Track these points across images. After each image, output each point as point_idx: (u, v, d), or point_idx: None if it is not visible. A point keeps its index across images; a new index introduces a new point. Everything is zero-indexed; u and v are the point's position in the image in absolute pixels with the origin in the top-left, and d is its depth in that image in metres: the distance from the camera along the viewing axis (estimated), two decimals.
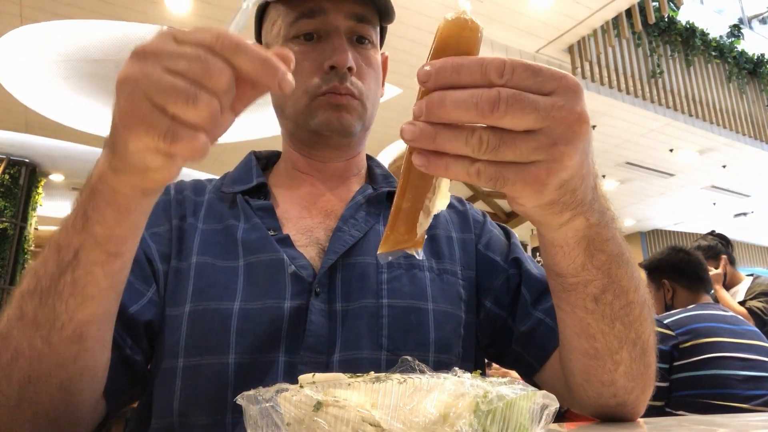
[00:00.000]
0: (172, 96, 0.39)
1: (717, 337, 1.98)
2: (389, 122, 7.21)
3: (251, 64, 0.41)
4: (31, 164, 7.70)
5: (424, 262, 0.80)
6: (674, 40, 6.95)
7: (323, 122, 0.80)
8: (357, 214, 0.82)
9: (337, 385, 0.36)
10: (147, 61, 0.41)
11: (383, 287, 0.75)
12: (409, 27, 5.01)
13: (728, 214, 10.21)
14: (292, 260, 0.74)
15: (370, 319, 0.72)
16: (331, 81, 0.79)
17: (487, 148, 0.40)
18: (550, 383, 0.75)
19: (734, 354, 1.94)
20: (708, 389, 1.93)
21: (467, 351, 0.79)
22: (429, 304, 0.75)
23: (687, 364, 1.97)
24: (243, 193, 0.83)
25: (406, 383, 0.36)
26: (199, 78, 0.39)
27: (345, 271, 0.75)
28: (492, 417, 0.34)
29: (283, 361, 0.68)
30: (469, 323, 0.80)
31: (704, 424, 0.66)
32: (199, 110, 0.39)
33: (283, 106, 0.86)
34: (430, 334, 0.73)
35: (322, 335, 0.70)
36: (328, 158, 0.87)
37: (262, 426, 0.36)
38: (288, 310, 0.70)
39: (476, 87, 0.40)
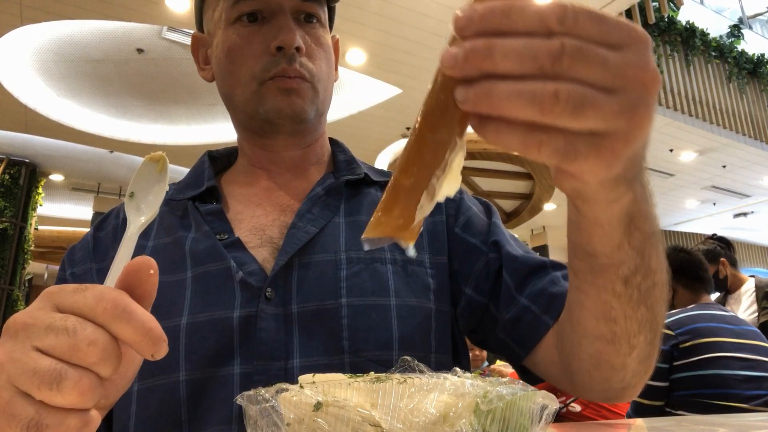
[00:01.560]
0: (35, 380, 0.36)
1: (717, 337, 1.98)
2: (389, 122, 7.27)
3: (132, 333, 0.38)
4: (31, 164, 7.70)
5: (386, 254, 0.74)
6: (674, 40, 6.95)
7: (273, 109, 0.76)
8: (314, 208, 0.77)
9: (337, 385, 0.36)
10: (17, 339, 0.38)
11: (342, 285, 0.70)
12: (409, 27, 5.01)
13: (728, 214, 10.21)
14: (241, 266, 0.70)
15: (330, 321, 0.68)
16: (278, 63, 0.74)
17: (565, 109, 0.31)
18: (541, 368, 0.72)
19: (735, 354, 1.94)
20: (708, 389, 1.93)
21: (442, 342, 0.74)
22: (391, 300, 0.71)
23: (687, 364, 1.97)
24: (193, 199, 0.79)
25: (406, 383, 0.36)
26: (66, 354, 0.36)
27: (301, 271, 0.71)
28: (492, 417, 0.34)
29: (238, 373, 0.65)
30: (441, 313, 0.75)
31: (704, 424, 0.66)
32: (64, 392, 0.36)
33: (231, 95, 0.80)
34: (393, 331, 0.69)
35: (276, 341, 0.67)
36: (283, 147, 0.82)
37: (262, 426, 0.36)
38: (237, 319, 0.67)
39: (530, 35, 0.32)
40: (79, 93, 6.35)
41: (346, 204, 0.80)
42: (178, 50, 5.50)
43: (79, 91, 6.29)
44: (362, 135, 6.64)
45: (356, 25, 4.91)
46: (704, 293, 2.31)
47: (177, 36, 5.23)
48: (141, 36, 5.27)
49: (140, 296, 0.41)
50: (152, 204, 0.49)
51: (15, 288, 7.33)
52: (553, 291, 0.72)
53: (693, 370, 1.96)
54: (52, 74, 5.93)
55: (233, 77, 0.78)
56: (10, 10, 4.59)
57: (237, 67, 0.76)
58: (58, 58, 5.63)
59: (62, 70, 5.87)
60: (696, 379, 1.95)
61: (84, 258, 0.78)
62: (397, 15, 4.85)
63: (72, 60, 5.67)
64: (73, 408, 0.37)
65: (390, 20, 4.90)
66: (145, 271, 0.42)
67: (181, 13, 4.68)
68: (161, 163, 0.50)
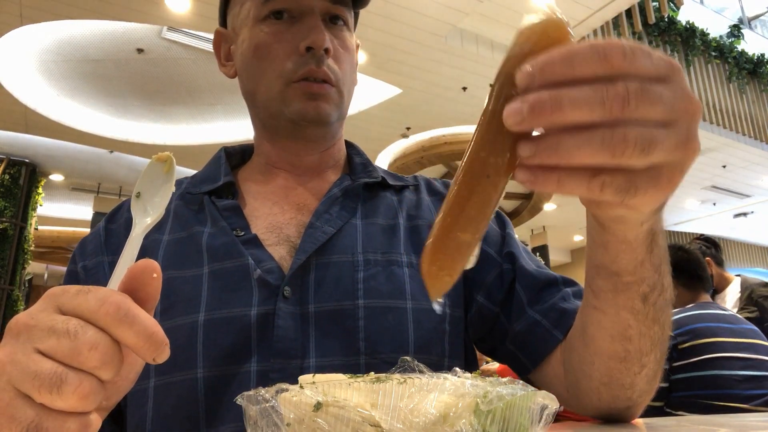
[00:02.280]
0: (36, 383, 0.35)
1: (717, 337, 1.98)
2: (389, 122, 7.26)
3: (134, 337, 0.38)
4: (31, 164, 7.70)
5: (402, 257, 0.75)
6: (674, 40, 6.95)
7: (298, 112, 0.76)
8: (331, 209, 0.77)
9: (338, 386, 0.36)
10: (18, 340, 0.38)
11: (359, 287, 0.70)
12: (409, 27, 5.01)
13: (728, 214, 10.21)
14: (258, 263, 0.70)
15: (346, 322, 0.68)
16: (306, 64, 0.74)
17: (635, 151, 0.32)
18: (545, 382, 0.72)
19: (734, 354, 1.94)
20: (708, 390, 1.93)
21: (454, 347, 0.75)
22: (407, 303, 0.71)
23: (687, 365, 1.97)
24: (210, 194, 0.79)
25: (406, 383, 0.36)
26: (67, 358, 0.36)
27: (318, 271, 0.71)
28: (492, 417, 0.34)
29: (255, 371, 0.65)
30: (455, 318, 0.75)
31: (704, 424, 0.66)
32: (64, 396, 0.35)
33: (254, 92, 0.80)
34: (409, 334, 0.70)
35: (293, 339, 0.66)
36: (303, 150, 0.82)
37: (262, 426, 0.36)
38: (255, 317, 0.67)
39: (593, 81, 0.32)
40: (80, 93, 6.35)
41: (363, 206, 0.80)
42: (178, 50, 5.50)
43: (79, 91, 6.29)
44: (362, 135, 6.64)
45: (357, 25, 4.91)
46: (703, 292, 2.31)
47: (177, 36, 5.23)
48: (141, 36, 5.27)
49: (143, 299, 0.41)
50: (158, 205, 0.48)
51: (15, 288, 7.33)
52: (564, 307, 0.72)
53: (692, 371, 1.96)
54: (52, 74, 5.93)
55: (259, 74, 0.77)
56: (10, 10, 4.59)
57: (264, 64, 0.76)
58: (58, 58, 5.64)
59: (62, 70, 5.87)
60: (696, 379, 1.95)
61: (95, 250, 0.78)
62: (397, 15, 4.85)
63: (72, 60, 5.67)
64: (74, 411, 0.36)
65: (390, 20, 4.90)
66: (148, 274, 0.41)
67: (181, 13, 4.68)
68: (168, 164, 0.49)
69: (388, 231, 0.77)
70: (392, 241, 0.76)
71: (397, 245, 0.76)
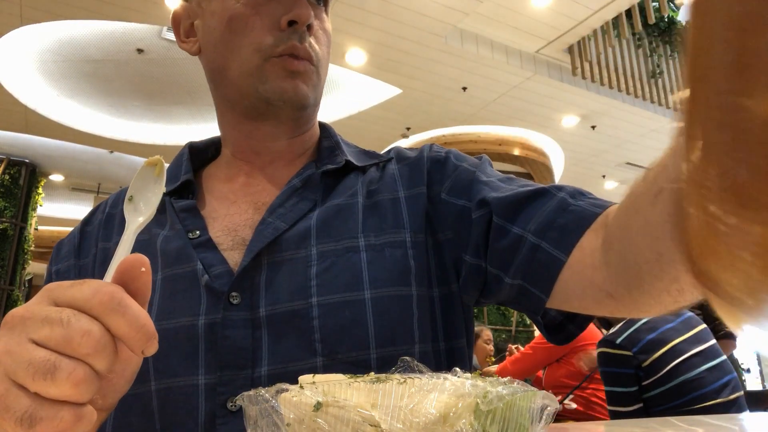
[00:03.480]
0: (30, 371, 0.36)
1: (671, 342, 1.95)
2: (389, 122, 7.27)
3: (126, 327, 0.38)
4: (31, 164, 7.71)
5: (359, 240, 0.68)
6: (674, 40, 6.95)
7: (276, 90, 0.70)
8: (287, 202, 0.71)
9: (338, 386, 0.36)
10: (14, 332, 0.38)
11: (312, 283, 0.65)
12: (409, 27, 5.01)
13: None
14: (209, 268, 0.66)
15: (300, 323, 0.63)
16: (288, 39, 0.69)
17: None
18: (572, 295, 0.61)
19: (691, 352, 1.93)
20: (683, 397, 1.91)
21: (423, 330, 0.67)
22: (365, 293, 0.65)
23: (656, 381, 1.95)
24: (170, 194, 0.74)
25: (406, 383, 0.36)
26: (60, 345, 0.37)
27: (270, 271, 0.66)
28: (492, 417, 0.34)
29: (203, 384, 0.61)
30: (423, 297, 0.68)
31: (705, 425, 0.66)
32: (57, 383, 0.36)
33: (224, 69, 0.73)
34: (369, 328, 0.64)
35: (242, 349, 0.62)
36: (271, 135, 0.76)
37: (262, 426, 0.36)
38: (203, 327, 0.63)
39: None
40: (79, 93, 6.35)
41: (324, 196, 0.73)
42: (178, 50, 5.50)
43: (79, 91, 6.29)
44: (362, 135, 6.64)
45: (356, 25, 4.91)
46: None
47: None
48: (141, 36, 5.27)
49: (134, 293, 0.41)
50: (150, 204, 0.50)
51: (15, 288, 7.33)
52: (562, 222, 0.61)
53: (663, 384, 1.94)
54: (53, 74, 5.93)
55: (231, 49, 0.72)
56: (10, 10, 4.59)
57: (239, 38, 0.71)
58: (58, 58, 5.64)
59: (62, 70, 5.88)
60: (668, 392, 1.93)
61: (68, 254, 0.76)
62: (397, 15, 4.85)
63: (72, 60, 5.67)
64: (68, 401, 0.37)
65: (390, 20, 4.91)
66: (137, 268, 0.42)
67: None
68: (159, 167, 0.51)
69: (345, 214, 0.71)
70: (348, 224, 0.70)
71: (354, 228, 0.69)
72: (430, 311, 0.70)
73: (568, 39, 5.56)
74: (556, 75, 5.99)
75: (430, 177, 0.75)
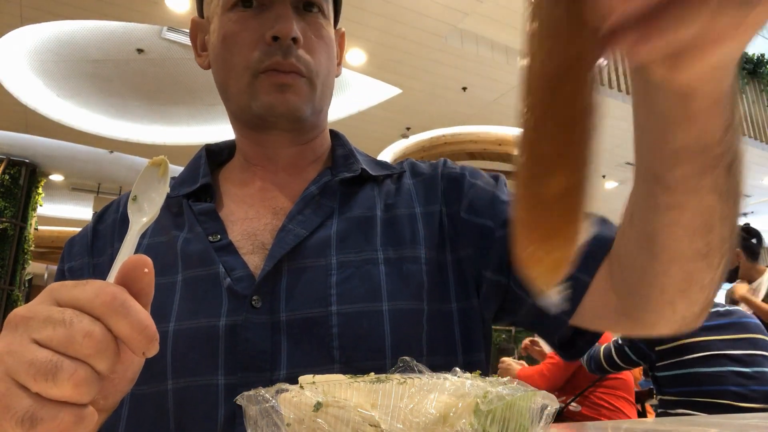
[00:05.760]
0: (31, 371, 0.36)
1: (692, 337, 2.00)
2: (389, 122, 7.27)
3: (127, 328, 0.38)
4: (31, 164, 7.71)
5: (378, 253, 0.70)
6: None
7: (266, 105, 0.71)
8: (306, 210, 0.73)
9: (338, 386, 0.36)
10: (16, 331, 0.38)
11: (332, 292, 0.66)
12: (409, 27, 5.01)
13: None
14: (230, 271, 0.67)
15: (319, 330, 0.64)
16: (273, 55, 0.70)
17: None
18: (592, 316, 0.66)
19: (720, 351, 1.95)
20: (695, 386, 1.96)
21: (434, 343, 0.69)
22: (383, 305, 0.67)
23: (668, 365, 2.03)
24: (188, 196, 0.75)
25: (406, 383, 0.36)
26: (62, 346, 0.37)
27: (290, 277, 0.67)
28: (492, 417, 0.34)
29: (223, 384, 0.62)
30: (434, 313, 0.70)
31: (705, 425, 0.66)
32: (59, 384, 0.36)
33: (225, 85, 0.75)
34: (386, 339, 0.65)
35: (262, 351, 0.64)
36: (278, 144, 0.77)
37: (262, 426, 0.36)
38: (224, 328, 0.64)
39: None
40: (79, 93, 6.35)
41: (341, 204, 0.75)
42: (178, 50, 5.50)
43: (79, 91, 6.29)
44: (362, 135, 6.64)
45: (356, 25, 4.91)
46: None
47: (177, 36, 5.23)
48: (141, 36, 5.27)
49: (137, 294, 0.41)
50: (154, 204, 0.50)
51: (15, 288, 7.33)
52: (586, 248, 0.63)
53: (674, 369, 2.00)
54: (52, 74, 5.93)
55: (227, 66, 0.74)
56: (10, 10, 4.59)
57: (232, 55, 0.73)
58: (58, 59, 5.64)
59: (62, 70, 5.87)
60: (680, 378, 1.99)
61: (81, 252, 0.77)
62: (397, 15, 4.85)
63: (72, 60, 5.67)
64: (68, 401, 0.37)
65: (390, 20, 4.91)
66: (140, 269, 0.42)
67: (181, 13, 4.68)
68: (163, 167, 0.51)
69: (364, 226, 0.73)
70: (368, 237, 0.72)
71: (373, 241, 0.71)
72: (446, 325, 0.71)
73: None
74: None
75: (446, 196, 0.77)
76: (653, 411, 2.90)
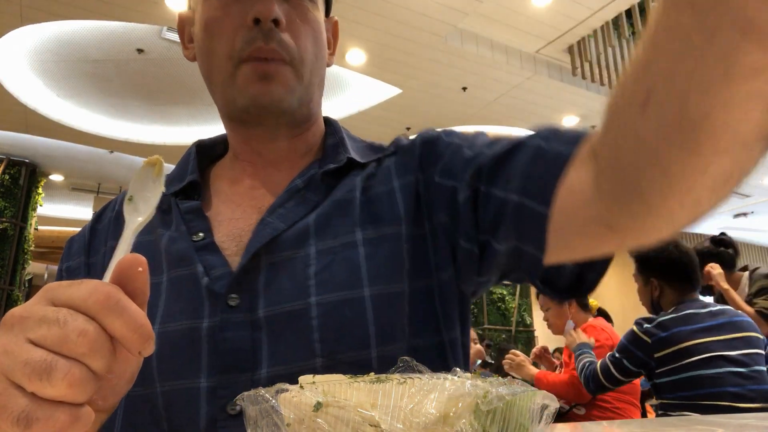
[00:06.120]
0: (26, 370, 0.36)
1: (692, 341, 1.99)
2: (389, 122, 7.27)
3: (123, 327, 0.38)
4: (31, 164, 7.71)
5: (357, 234, 0.66)
6: None
7: (248, 97, 0.68)
8: (288, 202, 0.70)
9: (338, 386, 0.36)
10: (11, 332, 0.38)
11: (310, 283, 0.63)
12: (409, 27, 5.01)
13: (728, 214, 10.21)
14: (209, 270, 0.65)
15: (299, 324, 0.62)
16: (254, 41, 0.66)
17: None
18: (572, 243, 0.56)
19: (717, 353, 1.94)
20: (694, 390, 1.95)
21: (414, 323, 0.66)
22: (365, 290, 0.63)
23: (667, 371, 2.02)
24: (177, 194, 0.73)
25: (406, 383, 0.36)
26: (56, 345, 0.36)
27: (269, 272, 0.65)
28: (492, 417, 0.34)
29: (205, 387, 0.61)
30: (416, 292, 0.66)
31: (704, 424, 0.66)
32: (54, 383, 0.36)
33: (209, 75, 0.72)
34: (369, 327, 0.62)
35: (242, 351, 0.62)
36: (266, 138, 0.74)
37: (262, 426, 0.36)
38: (206, 330, 0.62)
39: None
40: (79, 93, 6.35)
41: (326, 196, 0.71)
42: (178, 50, 5.50)
43: (79, 91, 6.29)
44: (362, 135, 6.56)
45: (356, 25, 4.91)
46: (690, 293, 2.22)
47: (177, 36, 5.22)
48: (141, 36, 5.27)
49: (132, 293, 0.41)
50: (149, 204, 0.50)
51: (15, 288, 7.33)
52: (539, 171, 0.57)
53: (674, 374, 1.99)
54: (52, 74, 5.93)
55: (210, 56, 0.70)
56: (10, 10, 4.59)
57: (214, 43, 0.69)
58: (58, 59, 5.64)
59: (62, 70, 5.88)
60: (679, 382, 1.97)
61: (79, 251, 0.76)
62: (397, 15, 4.85)
63: (72, 60, 5.67)
64: (64, 401, 0.36)
65: (390, 20, 4.91)
66: (134, 268, 0.42)
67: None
68: (158, 167, 0.51)
69: (344, 210, 0.69)
70: (346, 220, 0.68)
71: (351, 223, 0.68)
72: (428, 304, 0.67)
73: (568, 39, 5.56)
74: (556, 75, 5.99)
75: (422, 160, 0.72)
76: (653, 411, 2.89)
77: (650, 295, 2.29)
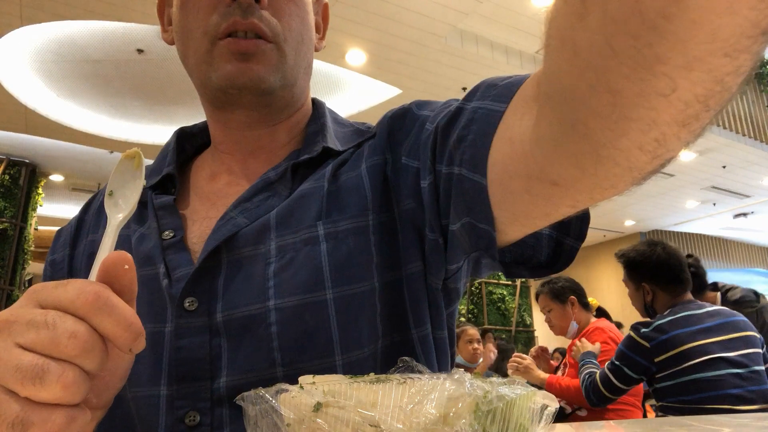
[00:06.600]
0: (18, 376, 0.35)
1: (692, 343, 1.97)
2: None
3: (112, 326, 0.37)
4: (31, 164, 7.70)
5: (319, 228, 0.61)
6: None
7: (226, 77, 0.63)
8: (256, 196, 0.64)
9: (338, 386, 0.36)
10: (0, 337, 0.37)
11: (269, 284, 0.58)
12: (409, 27, 5.01)
13: (728, 215, 10.22)
14: (172, 271, 0.60)
15: (258, 330, 0.57)
16: (230, 15, 0.61)
17: None
18: (524, 206, 0.49)
19: (717, 354, 1.93)
20: (695, 394, 1.93)
21: (386, 321, 0.61)
22: (327, 293, 0.58)
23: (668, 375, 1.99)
24: (154, 188, 0.69)
25: (406, 384, 0.36)
26: (47, 348, 0.36)
27: (228, 271, 0.60)
28: (492, 417, 0.34)
29: (165, 396, 0.58)
30: (386, 286, 0.61)
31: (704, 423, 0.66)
32: (47, 387, 0.35)
33: (185, 55, 0.67)
34: (333, 333, 0.57)
35: (199, 359, 0.57)
36: (244, 124, 0.68)
37: (262, 426, 0.36)
38: (168, 334, 0.59)
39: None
40: (79, 93, 6.35)
41: (297, 192, 0.65)
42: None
43: (79, 91, 6.29)
44: None
45: (356, 25, 4.91)
46: (683, 294, 2.19)
47: None
48: (141, 36, 5.27)
49: (119, 291, 0.40)
50: (129, 200, 0.48)
51: (15, 288, 7.33)
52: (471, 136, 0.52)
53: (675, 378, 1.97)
54: (52, 75, 5.93)
55: (186, 33, 0.66)
56: (10, 10, 4.59)
57: (190, 20, 0.65)
58: (58, 59, 5.64)
59: (62, 71, 5.87)
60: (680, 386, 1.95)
61: (65, 243, 0.74)
62: (397, 15, 4.85)
63: (72, 60, 5.67)
64: (59, 403, 0.36)
65: (390, 20, 4.91)
66: (120, 266, 0.41)
67: None
68: (137, 160, 0.50)
69: (308, 201, 0.63)
70: (310, 212, 0.62)
71: (314, 216, 0.62)
72: (398, 298, 0.62)
73: None
74: None
75: (390, 139, 0.66)
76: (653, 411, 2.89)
77: (643, 300, 2.26)
